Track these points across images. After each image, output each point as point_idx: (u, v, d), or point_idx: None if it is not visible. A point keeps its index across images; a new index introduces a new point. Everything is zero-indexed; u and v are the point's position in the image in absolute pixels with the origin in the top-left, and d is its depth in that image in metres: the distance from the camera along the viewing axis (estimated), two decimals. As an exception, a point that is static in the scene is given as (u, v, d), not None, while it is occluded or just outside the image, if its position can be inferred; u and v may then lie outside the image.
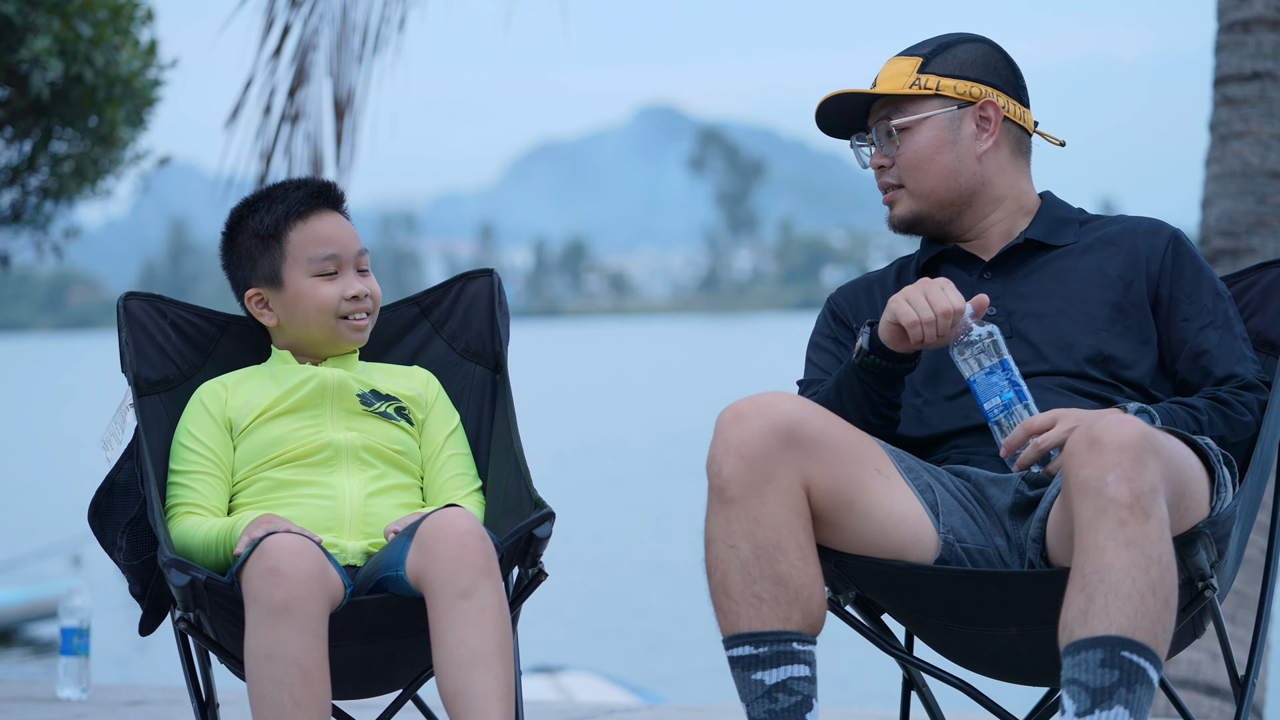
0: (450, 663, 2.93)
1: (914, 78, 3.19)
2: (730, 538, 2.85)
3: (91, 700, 4.94)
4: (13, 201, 7.51)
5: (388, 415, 3.32)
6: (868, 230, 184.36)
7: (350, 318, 3.34)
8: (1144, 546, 2.64)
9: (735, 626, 2.84)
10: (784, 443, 2.85)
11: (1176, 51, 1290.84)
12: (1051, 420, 2.92)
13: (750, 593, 2.82)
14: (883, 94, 3.20)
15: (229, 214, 3.42)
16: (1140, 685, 2.59)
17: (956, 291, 3.00)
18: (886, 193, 3.25)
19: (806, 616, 2.83)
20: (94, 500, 3.27)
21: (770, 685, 2.80)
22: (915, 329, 2.98)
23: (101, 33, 6.85)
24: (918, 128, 3.19)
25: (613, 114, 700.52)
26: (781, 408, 2.88)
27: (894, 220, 3.25)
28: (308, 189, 3.37)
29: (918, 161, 3.19)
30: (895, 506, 2.92)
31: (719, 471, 2.87)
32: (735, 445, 2.86)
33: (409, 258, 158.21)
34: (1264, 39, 5.88)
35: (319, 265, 3.33)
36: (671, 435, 35.60)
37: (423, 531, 3.00)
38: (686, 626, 16.50)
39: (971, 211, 3.22)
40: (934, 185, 3.20)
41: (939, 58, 3.21)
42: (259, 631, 2.92)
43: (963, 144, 3.19)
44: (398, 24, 6.89)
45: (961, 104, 3.18)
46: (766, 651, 2.81)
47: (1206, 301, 3.13)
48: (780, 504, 2.84)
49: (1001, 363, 2.98)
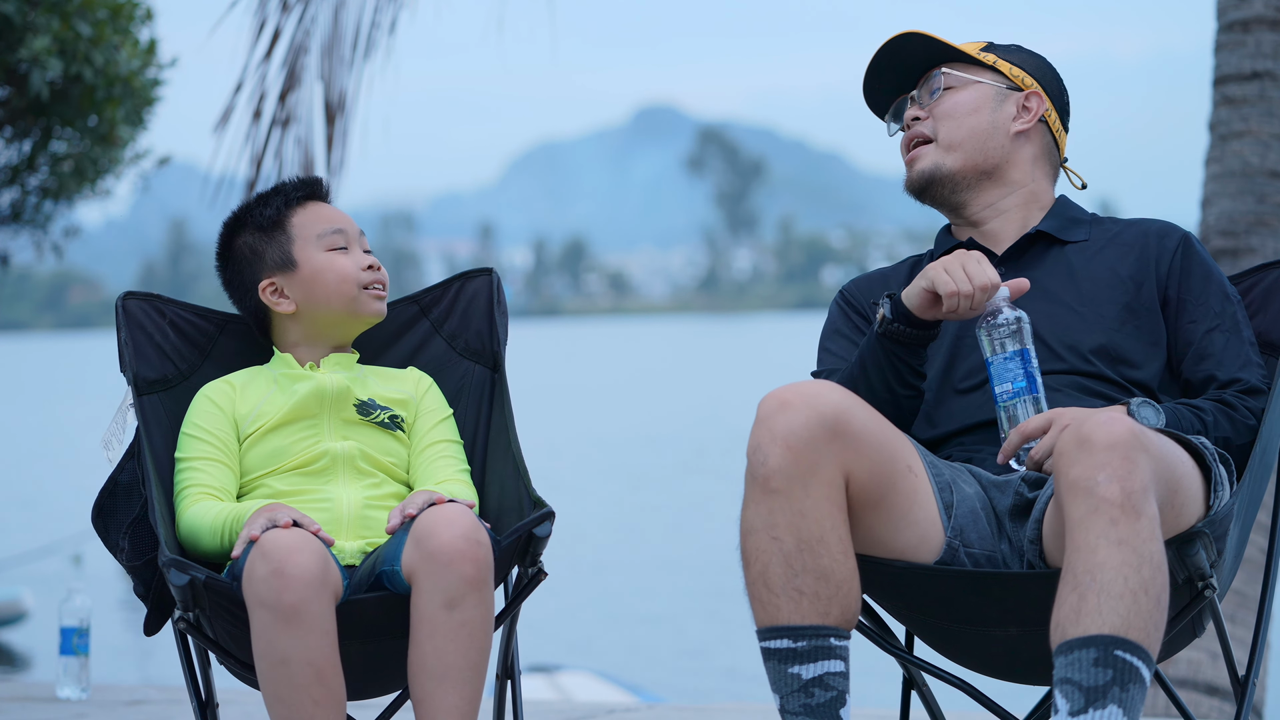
0: (422, 671, 2.95)
1: (979, 48, 3.29)
2: (774, 529, 2.81)
3: (91, 700, 4.94)
4: (12, 201, 7.51)
5: (384, 425, 3.31)
6: (867, 230, 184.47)
7: (370, 288, 3.35)
8: (1135, 545, 2.64)
9: (774, 619, 2.81)
10: (829, 434, 2.83)
11: (1175, 52, 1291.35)
12: (1045, 424, 2.93)
13: (792, 586, 2.80)
14: (948, 44, 3.26)
15: (222, 228, 3.40)
16: (1133, 684, 2.59)
17: (992, 267, 3.01)
18: (912, 149, 3.27)
19: (845, 612, 2.82)
20: (97, 501, 3.27)
21: (807, 680, 2.79)
22: (952, 299, 2.99)
23: (101, 32, 6.84)
24: (966, 87, 3.26)
25: (612, 113, 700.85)
26: (829, 398, 2.85)
27: (913, 176, 3.27)
28: (300, 182, 3.42)
29: (955, 111, 3.24)
30: (913, 507, 2.92)
31: (764, 461, 2.83)
32: (782, 435, 2.82)
33: (409, 257, 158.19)
34: (1264, 39, 5.88)
35: (329, 239, 3.35)
36: (671, 434, 35.60)
37: (419, 527, 3.00)
38: (686, 626, 16.50)
39: (988, 187, 3.25)
40: (964, 139, 3.23)
41: (1004, 47, 3.32)
42: (269, 636, 2.91)
43: (1001, 115, 3.25)
44: (388, 27, 6.89)
45: (1011, 86, 3.25)
46: (805, 646, 2.80)
47: (1214, 305, 3.14)
48: (824, 496, 2.82)
49: (1023, 351, 2.98)
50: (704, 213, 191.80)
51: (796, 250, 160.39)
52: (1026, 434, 2.93)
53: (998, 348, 2.99)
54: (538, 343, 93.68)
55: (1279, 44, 5.88)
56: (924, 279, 3.02)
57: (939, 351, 3.18)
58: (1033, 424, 2.93)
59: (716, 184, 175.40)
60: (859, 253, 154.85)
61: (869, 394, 3.08)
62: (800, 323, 69.86)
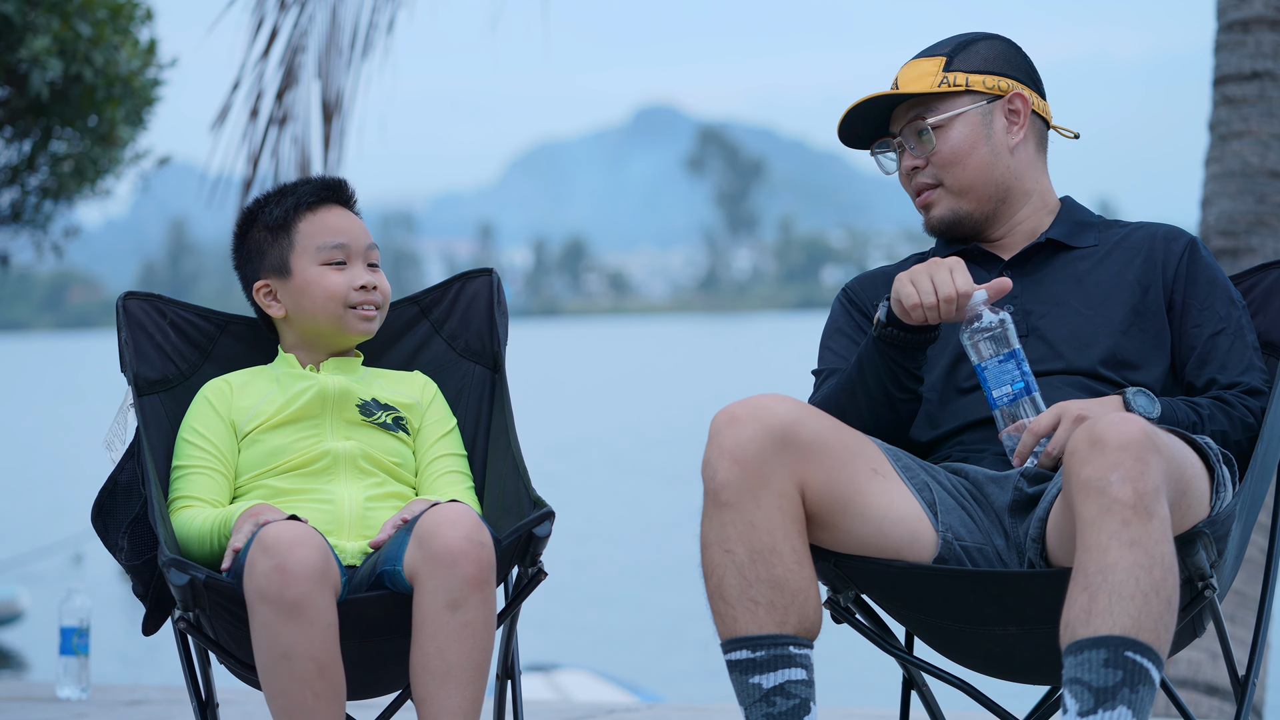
0: (425, 670, 2.96)
1: (941, 76, 3.20)
2: (725, 542, 2.85)
3: (91, 700, 4.94)
4: (12, 201, 7.51)
5: (387, 426, 3.31)
6: (867, 230, 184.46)
7: (359, 308, 3.34)
8: (1147, 546, 2.64)
9: (732, 630, 2.84)
10: (778, 445, 2.85)
11: (1174, 52, 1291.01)
12: (1055, 419, 2.93)
13: (746, 597, 2.82)
14: (914, 93, 3.19)
15: (240, 213, 3.42)
16: (1143, 685, 2.59)
17: (965, 275, 3.00)
18: (921, 194, 3.23)
19: (803, 620, 2.83)
20: (97, 501, 3.27)
21: (768, 689, 2.81)
22: (916, 311, 2.99)
23: (101, 32, 6.84)
24: (951, 124, 3.19)
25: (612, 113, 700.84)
26: (775, 410, 2.87)
27: (933, 221, 3.24)
28: (318, 183, 3.39)
29: (955, 157, 3.19)
30: (892, 506, 2.92)
31: (713, 475, 2.87)
32: (730, 449, 2.86)
33: (409, 257, 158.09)
34: (1264, 39, 5.88)
35: (327, 254, 3.33)
36: (670, 434, 35.58)
37: (422, 527, 3.00)
38: (685, 626, 16.49)
39: (1005, 208, 3.23)
40: (972, 180, 3.20)
41: (961, 55, 3.22)
42: (271, 631, 2.91)
43: (996, 138, 3.20)
44: (386, 26, 6.89)
45: (991, 98, 3.20)
46: (764, 655, 2.81)
47: (1219, 309, 3.14)
48: (775, 508, 2.84)
49: (1013, 352, 2.98)
50: (704, 213, 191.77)
51: (796, 250, 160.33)
52: (1039, 433, 2.94)
53: (985, 352, 2.99)
54: (538, 343, 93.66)
55: (1279, 44, 5.88)
56: (894, 290, 3.02)
57: (943, 353, 3.18)
58: (1042, 422, 2.94)
59: (716, 184, 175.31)
60: (859, 253, 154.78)
61: (866, 397, 3.08)
62: (800, 323, 69.87)
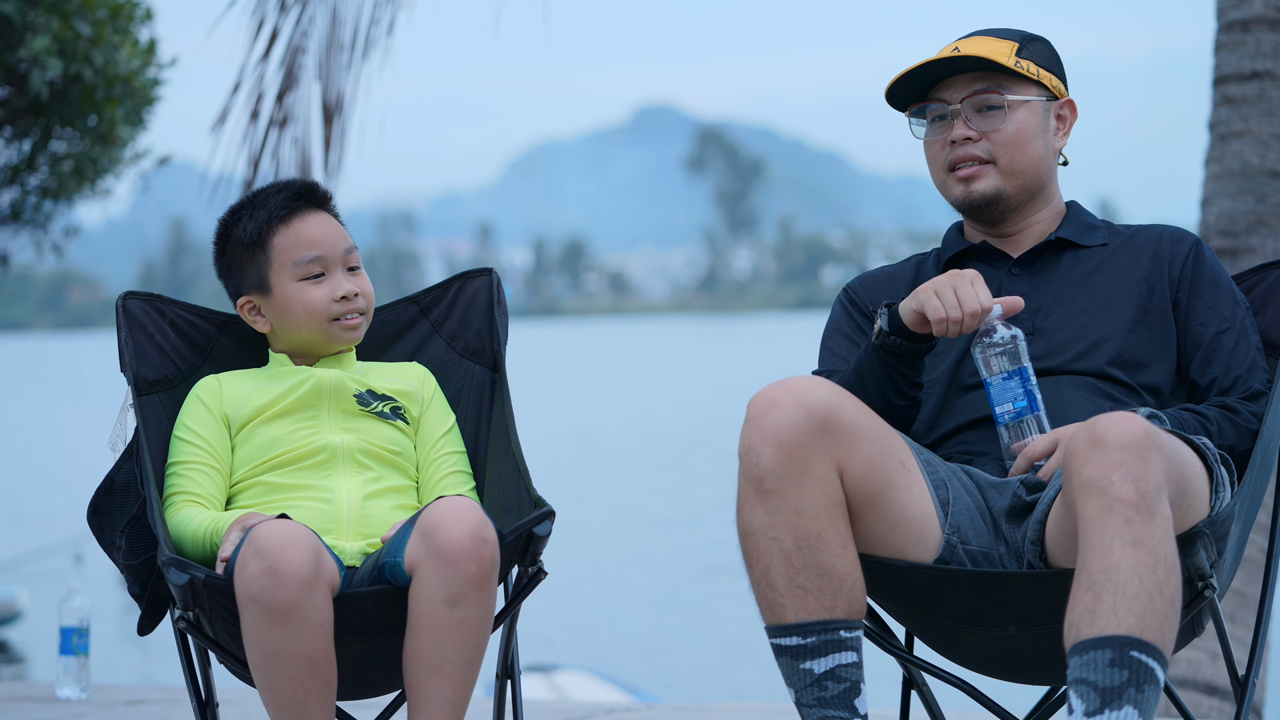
0: (418, 662, 2.96)
1: (1015, 60, 3.18)
2: (771, 529, 2.82)
3: (91, 700, 4.94)
4: (12, 201, 7.52)
5: (384, 415, 3.31)
6: (867, 230, 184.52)
7: (342, 319, 3.33)
8: (1150, 545, 2.64)
9: (781, 618, 2.83)
10: (819, 429, 2.83)
11: (1174, 52, 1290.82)
12: (1051, 445, 2.94)
13: (795, 584, 2.81)
14: (999, 64, 3.16)
15: (217, 224, 3.40)
16: (1149, 685, 2.59)
17: (986, 289, 2.99)
18: (965, 166, 3.19)
19: (851, 603, 2.82)
20: (93, 500, 3.27)
21: (819, 674, 2.81)
22: (941, 325, 2.98)
23: (100, 32, 6.85)
24: (1020, 108, 3.18)
25: (611, 113, 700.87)
26: (816, 393, 2.85)
27: (975, 195, 3.18)
28: (288, 191, 3.36)
29: (1020, 140, 3.18)
30: (910, 503, 2.92)
31: (757, 461, 2.83)
32: (772, 433, 2.83)
33: (408, 257, 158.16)
34: (1263, 38, 5.88)
35: (304, 268, 3.31)
36: (670, 434, 35.59)
37: (425, 520, 2.99)
38: (686, 626, 16.49)
39: (1034, 203, 3.23)
40: (1026, 167, 3.18)
41: (1030, 47, 3.21)
42: (261, 632, 2.91)
43: (1049, 136, 3.21)
44: (386, 27, 6.88)
45: (1050, 96, 3.21)
46: (814, 641, 2.81)
47: (1224, 308, 3.15)
48: (819, 493, 2.83)
49: (1020, 370, 2.97)
50: (703, 213, 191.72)
51: (796, 250, 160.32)
52: (1033, 457, 2.95)
53: (995, 367, 2.99)
54: (538, 343, 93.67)
55: (1279, 44, 5.88)
56: (915, 300, 3.01)
57: (949, 352, 3.18)
58: (1039, 446, 2.95)
59: (716, 184, 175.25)
60: (858, 253, 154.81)
61: (864, 403, 3.08)
62: (800, 323, 69.86)
